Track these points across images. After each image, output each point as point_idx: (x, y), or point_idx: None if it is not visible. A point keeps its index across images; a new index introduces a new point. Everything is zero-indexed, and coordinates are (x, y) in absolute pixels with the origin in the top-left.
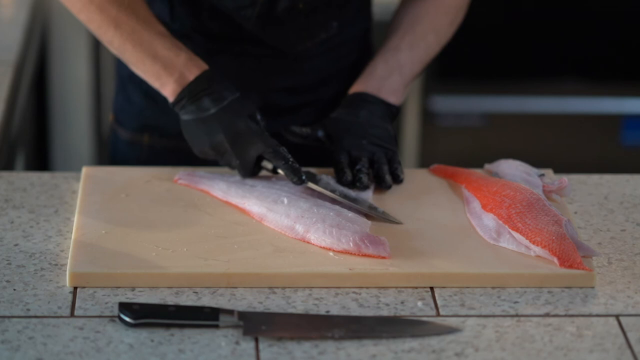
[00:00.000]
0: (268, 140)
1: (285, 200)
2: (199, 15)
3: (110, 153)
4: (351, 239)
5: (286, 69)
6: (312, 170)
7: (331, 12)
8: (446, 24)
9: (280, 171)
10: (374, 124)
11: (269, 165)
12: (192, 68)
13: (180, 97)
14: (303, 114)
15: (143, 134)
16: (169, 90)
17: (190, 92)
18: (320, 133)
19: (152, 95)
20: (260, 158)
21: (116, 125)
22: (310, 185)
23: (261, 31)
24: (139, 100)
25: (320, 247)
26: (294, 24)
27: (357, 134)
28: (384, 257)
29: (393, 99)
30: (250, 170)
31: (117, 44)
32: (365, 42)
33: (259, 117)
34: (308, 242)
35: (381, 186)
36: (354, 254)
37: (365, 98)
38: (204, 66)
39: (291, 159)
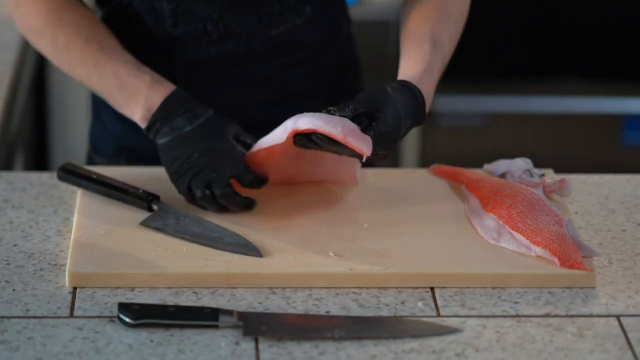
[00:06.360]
0: (239, 162)
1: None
2: (162, 18)
3: None
4: (339, 124)
5: (263, 78)
6: None
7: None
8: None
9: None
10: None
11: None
12: (158, 90)
13: (152, 122)
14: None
15: (119, 160)
16: (139, 117)
17: (162, 115)
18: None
19: (127, 119)
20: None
21: (93, 154)
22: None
23: (230, 16)
24: (113, 125)
25: (308, 129)
26: (265, 6)
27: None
28: (362, 153)
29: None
30: (224, 187)
31: (87, 80)
32: (346, 54)
33: (242, 136)
34: (297, 131)
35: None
36: (338, 139)
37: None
38: (170, 87)
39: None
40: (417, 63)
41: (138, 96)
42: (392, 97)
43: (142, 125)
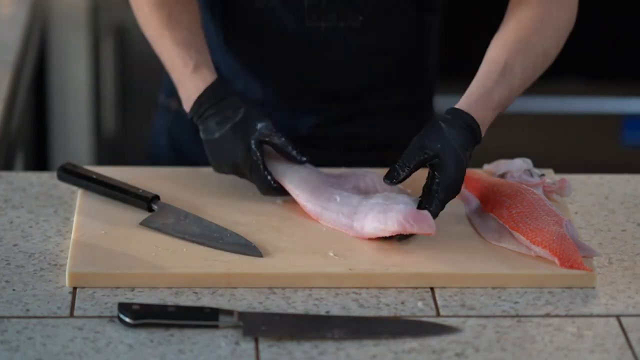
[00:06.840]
0: (260, 174)
1: (338, 198)
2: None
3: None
4: (395, 219)
5: (292, 65)
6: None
7: (353, 8)
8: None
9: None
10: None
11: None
12: (196, 81)
13: (190, 117)
14: (306, 128)
15: (172, 99)
16: (184, 105)
17: (196, 113)
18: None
19: None
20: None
21: (160, 93)
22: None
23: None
24: None
25: (376, 239)
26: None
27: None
28: (428, 234)
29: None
30: (266, 190)
31: (151, 43)
32: (403, 67)
33: (267, 138)
34: (369, 240)
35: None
36: (403, 233)
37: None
38: (208, 78)
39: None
40: (476, 87)
41: (181, 83)
42: (447, 135)
43: (187, 111)
